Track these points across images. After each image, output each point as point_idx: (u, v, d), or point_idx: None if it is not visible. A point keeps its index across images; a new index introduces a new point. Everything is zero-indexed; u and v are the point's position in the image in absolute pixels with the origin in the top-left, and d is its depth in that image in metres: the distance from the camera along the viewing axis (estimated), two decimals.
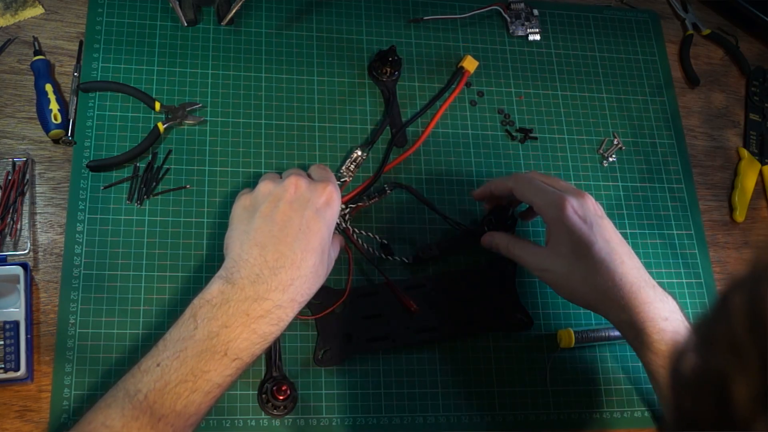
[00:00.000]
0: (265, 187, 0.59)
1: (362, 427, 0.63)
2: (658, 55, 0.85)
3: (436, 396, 0.65)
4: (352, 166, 0.69)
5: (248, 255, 0.54)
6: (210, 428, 0.60)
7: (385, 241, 0.68)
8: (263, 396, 0.60)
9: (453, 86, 0.76)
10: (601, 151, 0.78)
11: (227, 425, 0.60)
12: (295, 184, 0.58)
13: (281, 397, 0.59)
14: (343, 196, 0.66)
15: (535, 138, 0.76)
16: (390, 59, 0.73)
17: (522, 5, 0.82)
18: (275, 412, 0.60)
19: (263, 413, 0.60)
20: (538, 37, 0.82)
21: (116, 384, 0.51)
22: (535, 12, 0.82)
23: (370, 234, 0.67)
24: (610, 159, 0.78)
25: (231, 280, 0.53)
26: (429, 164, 0.73)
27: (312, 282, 0.56)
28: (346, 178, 0.69)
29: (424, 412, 0.64)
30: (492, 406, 0.65)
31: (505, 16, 0.82)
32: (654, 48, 0.85)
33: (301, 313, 0.57)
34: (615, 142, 0.79)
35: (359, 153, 0.70)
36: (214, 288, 0.53)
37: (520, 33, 0.82)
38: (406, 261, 0.68)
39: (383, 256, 0.67)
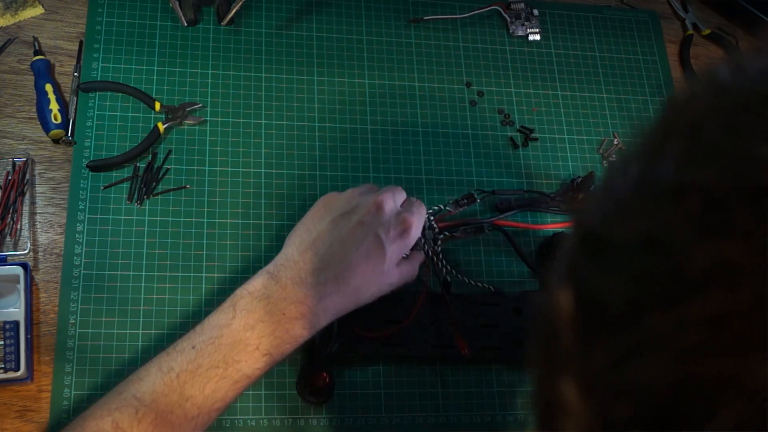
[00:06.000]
0: (352, 193, 0.59)
1: (362, 427, 0.63)
2: (658, 55, 0.85)
3: (436, 396, 0.65)
4: (464, 201, 0.68)
5: (300, 257, 0.55)
6: (210, 428, 0.60)
7: (449, 278, 0.66)
8: (301, 381, 0.60)
9: None
10: (601, 151, 0.78)
11: (227, 425, 0.60)
12: (378, 204, 0.57)
13: (320, 384, 0.59)
14: (441, 222, 0.67)
15: (536, 139, 0.76)
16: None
17: (522, 5, 0.82)
18: (311, 398, 0.60)
19: (300, 399, 0.61)
20: (538, 37, 0.82)
21: (150, 360, 0.52)
22: (535, 12, 0.82)
23: (447, 267, 0.66)
24: (611, 159, 0.78)
25: (276, 276, 0.54)
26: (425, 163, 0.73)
27: (348, 301, 0.56)
28: (450, 210, 0.68)
29: (424, 412, 0.64)
30: (492, 406, 0.65)
31: (505, 16, 0.82)
32: (654, 48, 0.85)
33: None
34: (615, 142, 0.79)
35: (475, 196, 0.68)
36: (258, 281, 0.54)
37: (520, 33, 0.82)
38: (492, 289, 0.67)
39: (444, 286, 0.66)
